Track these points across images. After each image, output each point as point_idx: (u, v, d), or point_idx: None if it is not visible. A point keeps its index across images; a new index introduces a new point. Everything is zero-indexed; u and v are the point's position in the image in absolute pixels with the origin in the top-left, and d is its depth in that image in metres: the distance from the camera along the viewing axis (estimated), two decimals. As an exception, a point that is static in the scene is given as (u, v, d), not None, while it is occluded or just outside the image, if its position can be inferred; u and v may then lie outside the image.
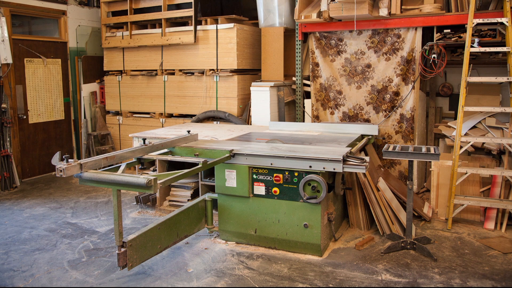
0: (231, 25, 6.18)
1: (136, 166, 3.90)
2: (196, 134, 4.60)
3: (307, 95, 6.07)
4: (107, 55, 7.40)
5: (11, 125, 6.37)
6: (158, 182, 3.00)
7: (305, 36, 5.93)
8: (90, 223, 4.91)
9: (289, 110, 6.37)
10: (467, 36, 4.53)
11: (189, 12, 6.39)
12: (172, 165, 5.07)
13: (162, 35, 6.69)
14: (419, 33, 5.23)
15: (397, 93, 5.44)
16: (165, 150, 4.19)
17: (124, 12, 7.12)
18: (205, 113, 6.44)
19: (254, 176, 4.06)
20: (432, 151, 3.87)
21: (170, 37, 6.62)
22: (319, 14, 5.46)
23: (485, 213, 4.69)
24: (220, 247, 4.17)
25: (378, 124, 5.42)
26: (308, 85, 6.02)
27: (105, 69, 7.49)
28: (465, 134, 5.00)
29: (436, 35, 5.11)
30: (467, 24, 4.56)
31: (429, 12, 5.06)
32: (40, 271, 3.76)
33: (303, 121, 6.04)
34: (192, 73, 6.62)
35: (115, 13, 7.31)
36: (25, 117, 6.75)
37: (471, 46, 4.58)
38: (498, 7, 4.83)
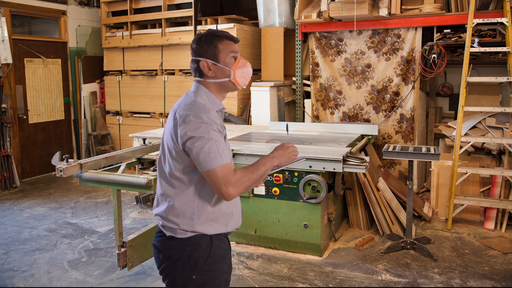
0: (231, 25, 6.18)
1: (136, 166, 3.90)
2: (196, 134, 4.58)
3: (307, 95, 6.06)
4: (107, 55, 7.40)
5: (11, 125, 6.37)
6: (158, 182, 2.99)
7: (305, 36, 5.92)
8: (90, 223, 4.91)
9: (289, 110, 6.36)
10: (467, 36, 4.53)
11: (189, 12, 6.39)
12: (172, 165, 5.06)
13: (162, 35, 6.69)
14: (419, 33, 5.22)
15: (397, 93, 5.44)
16: (165, 150, 4.17)
17: (124, 12, 7.11)
18: (205, 113, 6.42)
19: (254, 176, 4.05)
20: (432, 151, 3.87)
21: (170, 37, 6.61)
22: (319, 14, 5.46)
23: (485, 213, 4.69)
24: (220, 247, 4.16)
25: (378, 124, 5.41)
26: (308, 85, 6.01)
27: (105, 69, 7.48)
28: (465, 134, 5.00)
29: (436, 35, 5.11)
30: (467, 24, 4.56)
31: (429, 12, 5.06)
32: (40, 271, 3.76)
33: (303, 121, 6.03)
34: (192, 73, 6.61)
35: (115, 13, 7.30)
36: (25, 117, 6.75)
37: (471, 46, 4.58)
38: (498, 7, 4.83)
